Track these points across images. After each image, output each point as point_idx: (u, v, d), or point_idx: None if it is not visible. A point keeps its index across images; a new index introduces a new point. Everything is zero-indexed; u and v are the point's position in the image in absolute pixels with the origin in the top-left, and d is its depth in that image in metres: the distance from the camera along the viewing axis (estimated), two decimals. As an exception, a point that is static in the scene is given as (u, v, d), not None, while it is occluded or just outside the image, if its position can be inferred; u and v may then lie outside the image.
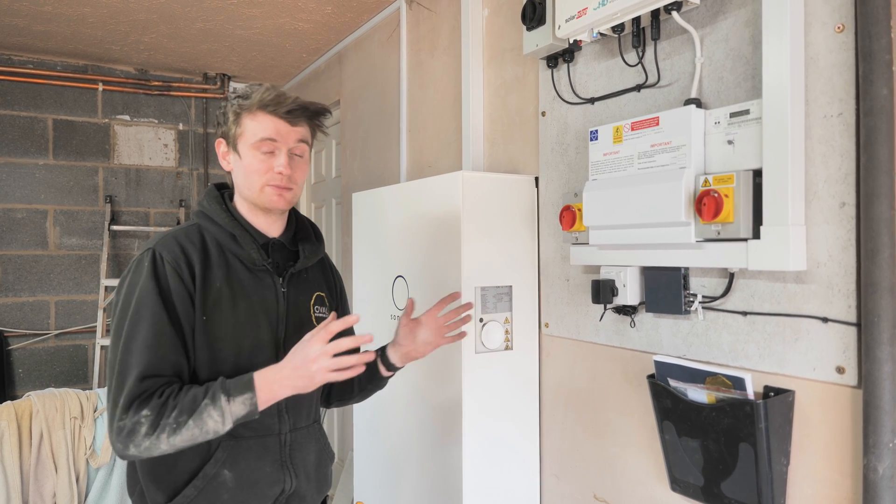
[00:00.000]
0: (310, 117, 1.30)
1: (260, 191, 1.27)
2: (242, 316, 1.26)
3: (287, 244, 1.37)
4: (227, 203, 1.33)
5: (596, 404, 1.76)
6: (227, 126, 1.29)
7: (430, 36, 2.57)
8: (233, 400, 1.12)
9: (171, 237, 1.26)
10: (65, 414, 2.61)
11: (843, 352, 1.20)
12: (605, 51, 1.71)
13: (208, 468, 1.22)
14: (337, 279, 1.54)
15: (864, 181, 1.13)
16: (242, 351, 1.25)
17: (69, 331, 3.83)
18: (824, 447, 1.23)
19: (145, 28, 3.21)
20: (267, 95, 1.24)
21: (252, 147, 1.25)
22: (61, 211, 3.82)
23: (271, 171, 1.25)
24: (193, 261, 1.23)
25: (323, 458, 1.41)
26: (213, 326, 1.23)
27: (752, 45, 1.34)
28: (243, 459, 1.25)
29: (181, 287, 1.20)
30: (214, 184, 1.39)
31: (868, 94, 1.12)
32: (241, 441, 1.25)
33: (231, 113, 1.27)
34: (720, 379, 1.30)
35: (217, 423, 1.12)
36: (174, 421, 1.10)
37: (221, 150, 1.32)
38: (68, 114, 3.82)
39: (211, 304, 1.23)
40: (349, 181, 3.29)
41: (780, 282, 1.30)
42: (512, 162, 2.10)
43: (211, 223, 1.29)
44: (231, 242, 1.28)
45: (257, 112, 1.24)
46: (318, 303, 1.41)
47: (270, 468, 1.28)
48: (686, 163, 1.36)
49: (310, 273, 1.41)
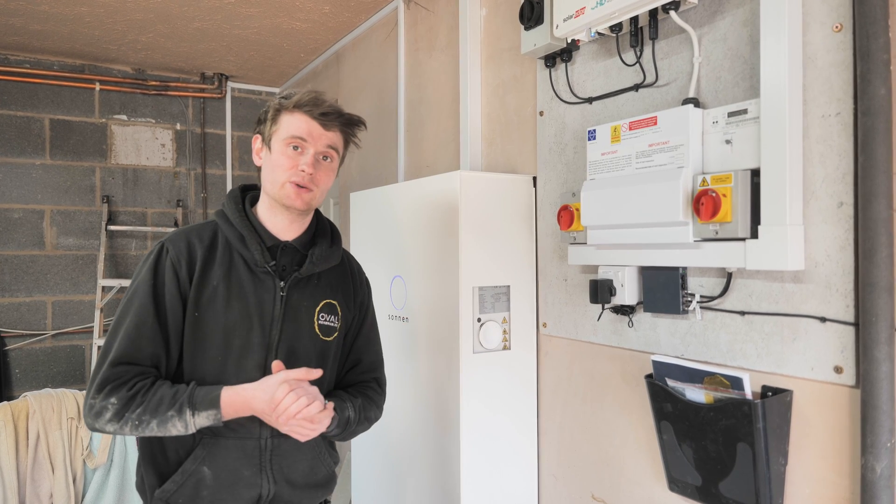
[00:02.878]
0: (343, 124, 1.33)
1: (281, 186, 1.28)
2: (234, 316, 1.26)
3: (300, 248, 1.36)
4: (244, 204, 1.36)
5: (594, 404, 1.76)
6: (264, 123, 1.33)
7: (428, 36, 2.56)
8: (198, 414, 1.17)
9: (184, 232, 1.31)
10: (61, 414, 2.60)
11: (840, 351, 1.20)
12: (603, 50, 1.71)
13: (188, 464, 1.25)
14: (361, 290, 1.49)
15: (862, 181, 1.13)
16: (231, 351, 1.26)
17: (66, 331, 3.82)
18: (822, 447, 1.23)
19: (142, 27, 3.20)
20: (306, 96, 1.29)
21: (283, 142, 1.28)
22: (58, 211, 3.81)
23: (296, 167, 1.27)
24: (196, 257, 1.27)
25: (317, 467, 1.37)
26: (204, 324, 1.25)
27: (751, 44, 1.34)
28: (221, 458, 1.26)
29: (174, 283, 1.25)
30: (241, 185, 1.42)
31: (866, 94, 1.12)
32: (220, 440, 1.26)
33: (272, 110, 1.32)
34: (718, 379, 1.30)
35: (180, 431, 1.18)
36: (137, 418, 1.17)
37: (256, 145, 1.36)
38: (65, 113, 3.81)
39: (205, 302, 1.25)
40: (347, 181, 3.28)
41: (778, 281, 1.30)
42: (510, 162, 2.10)
43: (225, 222, 1.32)
44: (239, 243, 1.30)
45: (294, 111, 1.29)
46: (325, 310, 1.38)
47: (248, 471, 1.28)
48: (684, 162, 1.36)
49: (323, 278, 1.39)
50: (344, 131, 1.34)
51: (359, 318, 1.48)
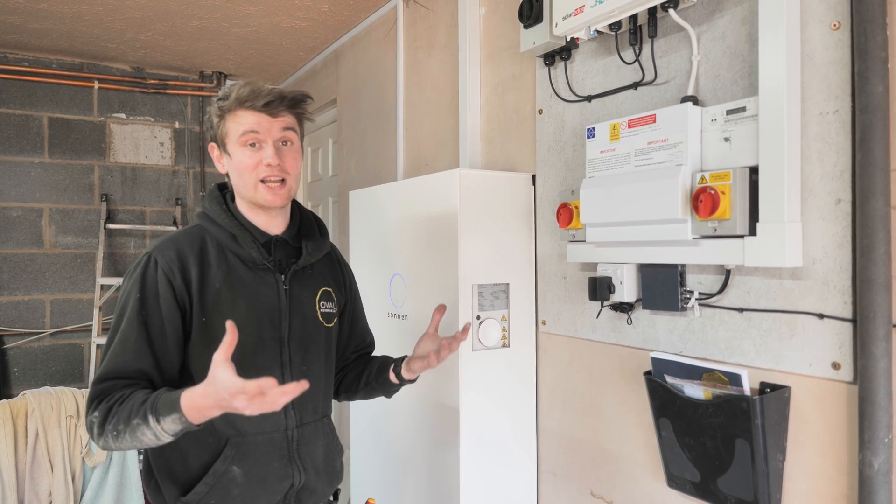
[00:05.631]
0: (289, 106, 1.28)
1: (254, 189, 1.27)
2: (243, 315, 1.25)
3: (290, 241, 1.36)
4: (227, 203, 1.33)
5: (593, 401, 1.77)
6: (214, 129, 1.30)
7: (427, 34, 2.57)
8: (163, 420, 1.06)
9: (171, 241, 1.27)
10: (60, 412, 2.60)
11: (838, 348, 1.20)
12: (603, 48, 1.71)
13: (218, 465, 1.23)
14: (346, 274, 1.54)
15: (860, 178, 1.13)
16: (245, 350, 1.24)
17: (65, 329, 3.82)
18: (820, 443, 1.24)
19: (141, 26, 3.20)
20: (243, 91, 1.24)
21: (238, 144, 1.25)
22: (57, 209, 3.81)
23: (260, 164, 1.25)
24: (189, 264, 1.24)
25: (331, 452, 1.40)
26: (213, 327, 1.23)
27: (749, 42, 1.35)
28: (251, 455, 1.25)
29: (169, 292, 1.21)
30: (217, 184, 1.39)
31: (864, 92, 1.12)
32: (248, 437, 1.26)
33: (214, 116, 1.28)
34: (716, 375, 1.31)
35: (152, 439, 1.09)
36: (114, 429, 1.11)
37: (215, 154, 1.33)
38: (64, 112, 3.81)
39: (210, 306, 1.23)
40: (346, 179, 3.29)
41: (777, 278, 1.30)
42: (509, 160, 2.10)
43: (212, 224, 1.30)
44: (231, 242, 1.28)
45: (237, 110, 1.25)
46: (324, 298, 1.40)
47: (279, 463, 1.28)
48: (683, 160, 1.36)
49: (315, 269, 1.41)
50: (293, 112, 1.30)
51: (350, 302, 1.54)
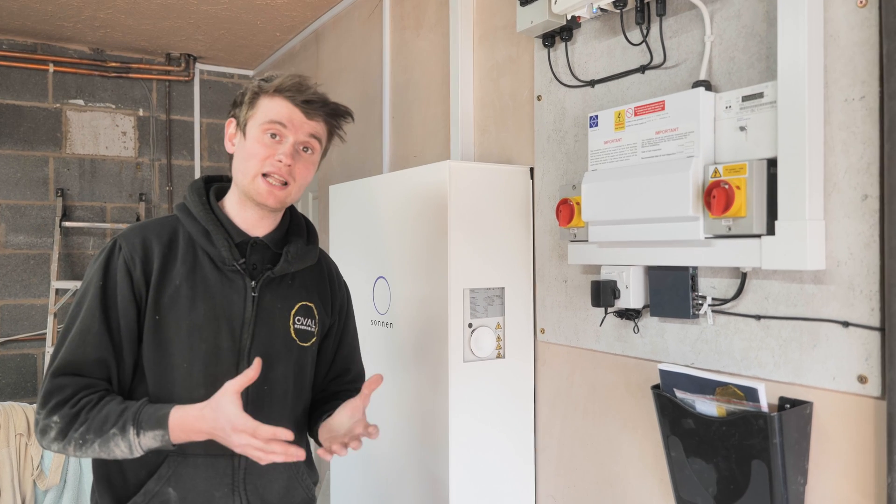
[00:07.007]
0: (328, 114, 1.33)
1: (253, 179, 1.27)
2: (200, 318, 1.25)
3: (272, 245, 1.35)
4: (209, 197, 1.34)
5: (596, 418, 1.76)
6: (241, 105, 1.31)
7: (416, 13, 2.56)
8: (143, 434, 1.13)
9: (140, 227, 1.30)
10: (9, 430, 2.58)
11: (865, 359, 1.20)
12: (607, 28, 1.70)
13: (151, 484, 1.23)
14: (339, 293, 1.49)
15: (889, 171, 1.13)
16: (197, 357, 1.24)
17: (16, 338, 3.79)
18: (844, 464, 1.23)
19: (100, 2, 3.17)
20: (289, 80, 1.27)
21: (260, 128, 1.27)
22: (7, 206, 3.78)
23: (272, 157, 1.26)
24: (153, 255, 1.25)
25: (293, 487, 1.36)
26: (166, 327, 1.23)
27: (767, 21, 1.34)
28: (189, 479, 1.24)
29: (127, 283, 1.23)
30: (204, 176, 1.40)
31: (893, 76, 1.12)
32: (188, 458, 1.24)
33: (250, 92, 1.30)
34: (731, 389, 1.30)
35: (124, 452, 1.14)
36: (81, 437, 1.14)
37: (230, 130, 1.35)
38: (15, 98, 3.78)
39: (166, 303, 1.24)
40: (327, 173, 3.27)
41: (797, 282, 1.30)
42: (505, 151, 2.09)
43: (187, 217, 1.31)
44: (204, 239, 1.28)
45: (275, 95, 1.27)
46: (301, 313, 1.37)
47: (219, 493, 1.26)
48: (694, 151, 1.36)
49: (297, 279, 1.38)
50: (328, 122, 1.34)
51: (339, 325, 1.49)
